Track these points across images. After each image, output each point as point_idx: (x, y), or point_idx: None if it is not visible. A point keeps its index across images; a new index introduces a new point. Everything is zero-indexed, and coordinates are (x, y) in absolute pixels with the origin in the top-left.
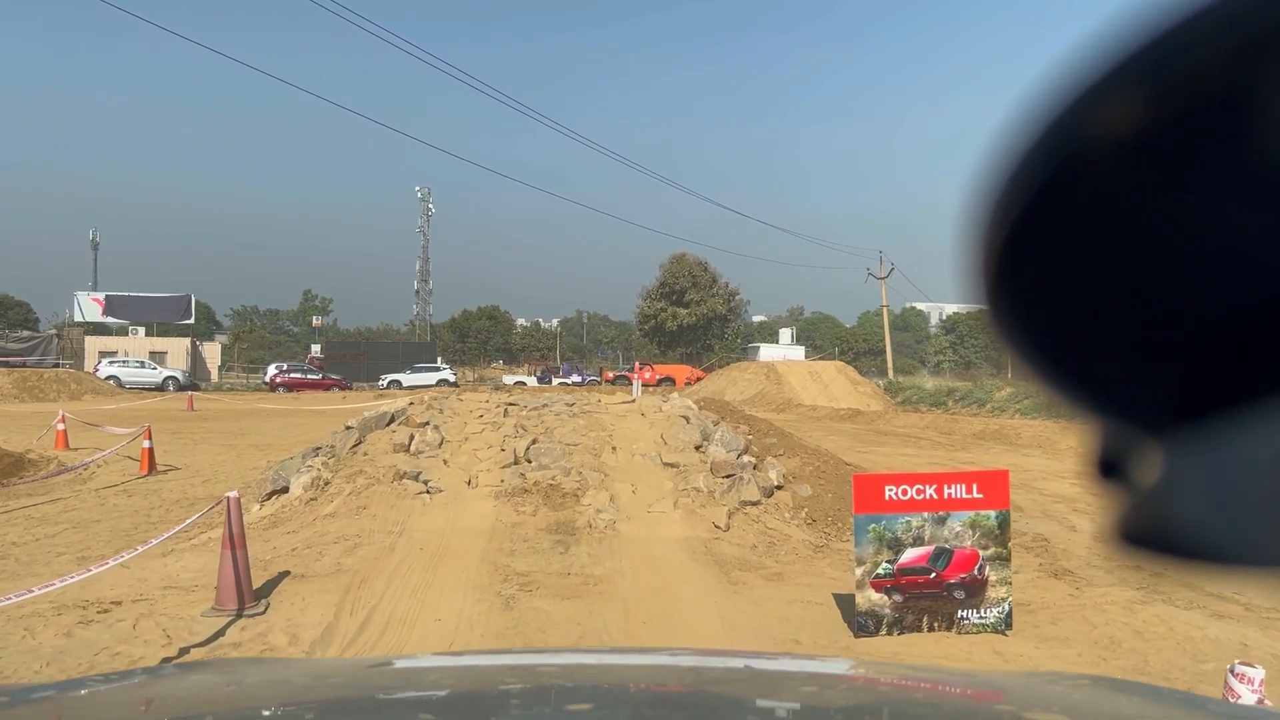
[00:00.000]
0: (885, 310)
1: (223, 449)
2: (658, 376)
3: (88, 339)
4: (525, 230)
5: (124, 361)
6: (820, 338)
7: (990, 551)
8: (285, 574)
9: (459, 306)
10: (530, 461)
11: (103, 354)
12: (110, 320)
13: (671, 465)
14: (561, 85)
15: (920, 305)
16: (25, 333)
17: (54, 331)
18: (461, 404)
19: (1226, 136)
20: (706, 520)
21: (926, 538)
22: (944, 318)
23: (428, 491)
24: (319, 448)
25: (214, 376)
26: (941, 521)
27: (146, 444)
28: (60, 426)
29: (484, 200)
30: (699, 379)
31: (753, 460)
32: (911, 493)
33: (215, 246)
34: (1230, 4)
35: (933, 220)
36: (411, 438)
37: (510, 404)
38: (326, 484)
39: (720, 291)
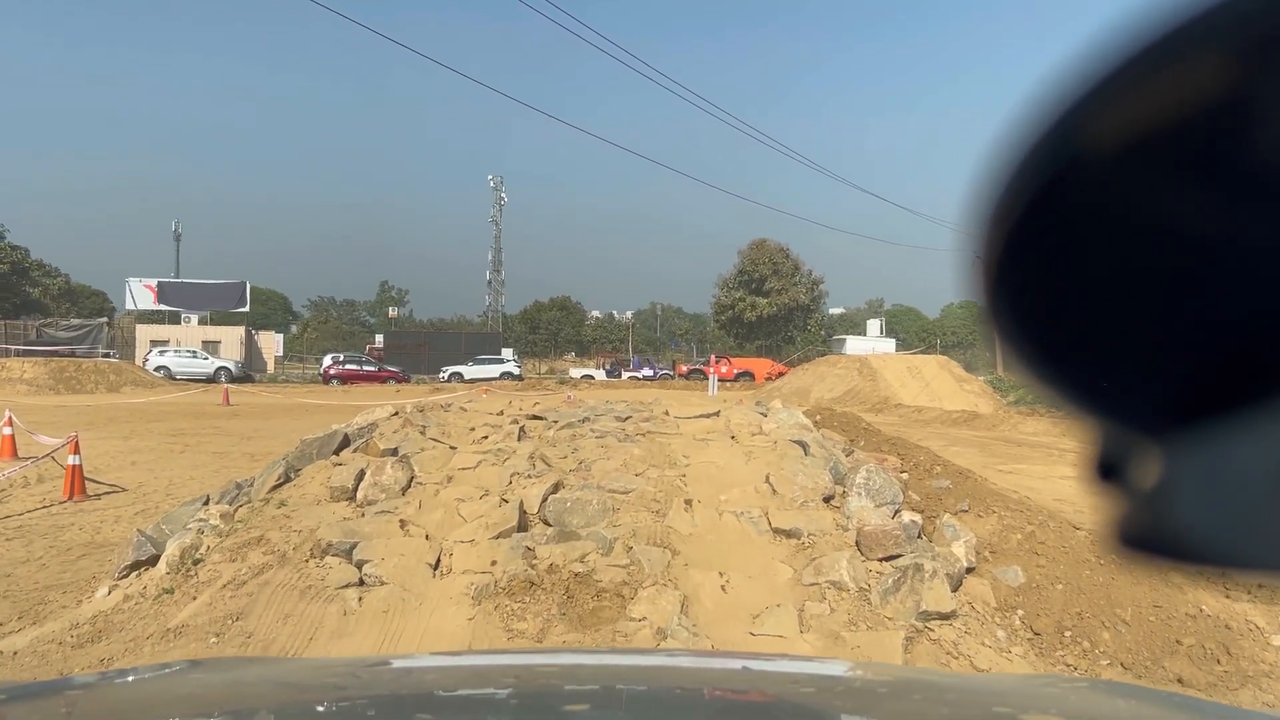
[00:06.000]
0: None
1: (210, 458)
2: (735, 371)
3: (139, 327)
4: (602, 222)
5: (175, 351)
6: (904, 330)
7: None
8: None
9: (534, 298)
10: (549, 524)
11: (154, 343)
12: (163, 308)
13: (787, 534)
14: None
15: None
16: (75, 320)
17: (104, 320)
18: (461, 418)
19: (1224, 141)
20: (862, 656)
21: None
22: None
23: (361, 583)
24: (243, 483)
25: (270, 367)
26: None
27: (72, 460)
28: (7, 430)
29: (561, 191)
30: (780, 374)
31: (915, 519)
32: None
33: (295, 238)
34: (1228, 9)
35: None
36: (361, 476)
37: (534, 417)
38: (198, 562)
39: (802, 280)
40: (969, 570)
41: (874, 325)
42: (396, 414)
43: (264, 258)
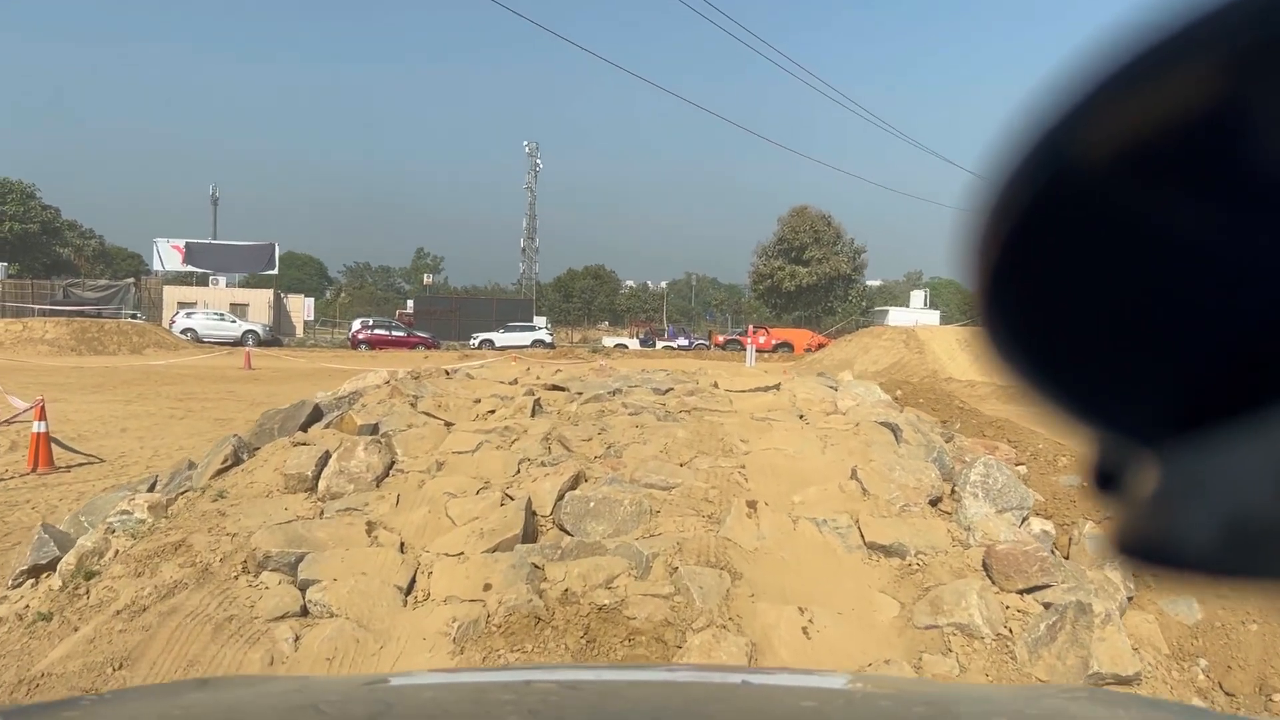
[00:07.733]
0: None
1: (211, 425)
2: (774, 341)
3: (166, 289)
4: (638, 192)
5: (202, 313)
6: (945, 303)
7: None
8: None
9: (569, 267)
10: (565, 532)
11: (181, 305)
12: (191, 269)
13: (886, 551)
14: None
15: None
16: (102, 281)
17: (131, 280)
18: (464, 387)
19: (1221, 147)
20: None
21: None
22: None
23: (304, 612)
24: (198, 463)
25: (299, 331)
26: None
27: (37, 427)
28: None
29: (597, 160)
30: (820, 345)
31: (1047, 529)
32: None
33: (332, 205)
34: (1224, 16)
35: None
36: (325, 461)
37: (553, 387)
38: (93, 575)
39: (844, 249)
40: (1128, 599)
41: (917, 296)
42: (387, 381)
43: (302, 225)
